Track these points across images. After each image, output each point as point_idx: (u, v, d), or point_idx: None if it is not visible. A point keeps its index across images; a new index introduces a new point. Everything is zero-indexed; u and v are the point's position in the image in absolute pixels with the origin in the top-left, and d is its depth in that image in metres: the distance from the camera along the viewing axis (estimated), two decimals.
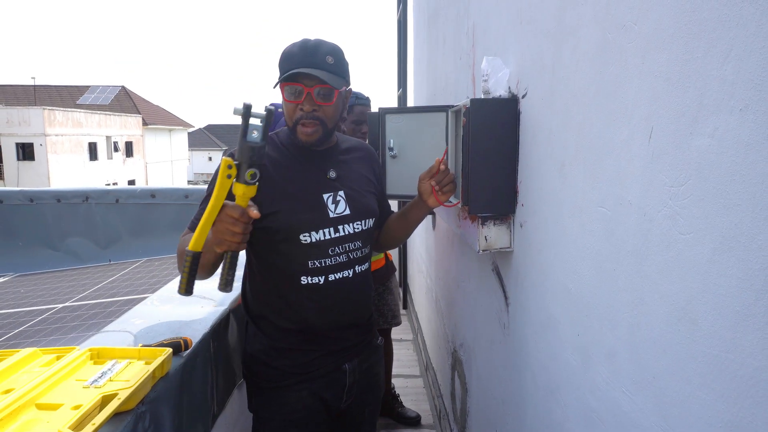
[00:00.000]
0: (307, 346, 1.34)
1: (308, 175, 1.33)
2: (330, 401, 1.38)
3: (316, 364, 1.35)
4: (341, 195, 1.35)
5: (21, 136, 21.41)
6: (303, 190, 1.31)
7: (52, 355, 1.05)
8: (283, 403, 1.33)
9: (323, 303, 1.32)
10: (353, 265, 1.36)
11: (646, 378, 0.71)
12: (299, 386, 1.33)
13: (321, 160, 1.36)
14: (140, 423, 0.91)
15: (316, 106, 1.25)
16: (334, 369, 1.37)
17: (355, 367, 1.41)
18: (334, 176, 1.35)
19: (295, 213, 1.28)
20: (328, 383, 1.37)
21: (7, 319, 3.28)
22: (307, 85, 1.23)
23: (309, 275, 1.30)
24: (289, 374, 1.33)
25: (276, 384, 1.34)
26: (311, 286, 1.31)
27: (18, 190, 4.74)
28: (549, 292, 1.12)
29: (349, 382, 1.40)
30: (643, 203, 0.71)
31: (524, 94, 1.24)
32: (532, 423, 1.25)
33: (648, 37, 0.69)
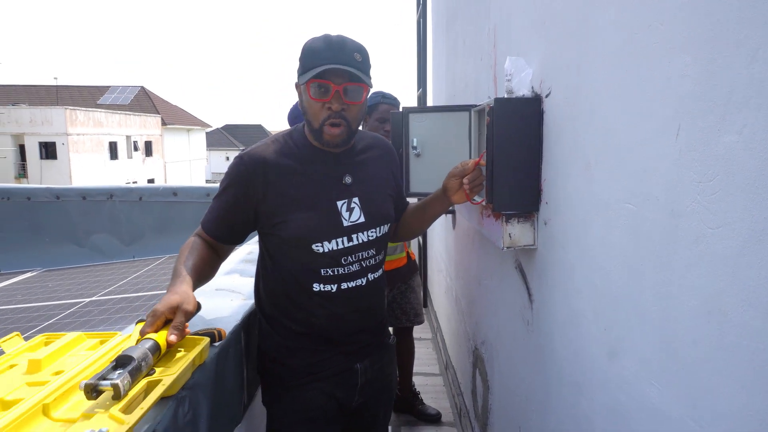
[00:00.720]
0: (317, 346, 1.33)
1: (322, 181, 1.29)
2: (342, 400, 1.36)
3: (326, 363, 1.33)
4: (356, 202, 1.30)
5: (44, 136, 21.88)
6: (316, 198, 1.27)
7: (96, 339, 1.09)
8: (294, 401, 1.33)
9: (334, 310, 1.31)
10: (366, 273, 1.34)
11: (676, 370, 0.73)
12: (310, 385, 1.32)
13: (337, 164, 1.31)
14: (180, 408, 0.96)
15: (344, 104, 1.20)
16: (346, 369, 1.35)
17: (367, 367, 1.39)
18: (349, 181, 1.31)
19: (307, 223, 1.25)
20: (340, 382, 1.35)
21: (37, 312, 3.39)
22: (336, 82, 1.18)
23: (322, 283, 1.29)
24: (300, 373, 1.32)
25: (287, 382, 1.33)
26: (323, 294, 1.29)
27: (45, 188, 4.86)
28: (574, 289, 1.14)
29: (361, 381, 1.38)
30: (670, 199, 0.73)
31: (548, 93, 1.26)
32: (556, 417, 1.27)
33: (674, 37, 0.71)
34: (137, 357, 0.88)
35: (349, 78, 1.19)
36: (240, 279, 1.75)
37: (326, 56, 1.17)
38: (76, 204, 4.79)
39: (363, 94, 1.23)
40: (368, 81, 1.23)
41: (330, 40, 1.21)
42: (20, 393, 0.87)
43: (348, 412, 1.40)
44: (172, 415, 0.92)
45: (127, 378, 0.83)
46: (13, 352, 1.03)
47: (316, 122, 1.23)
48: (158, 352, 0.97)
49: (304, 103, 1.26)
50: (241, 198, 1.28)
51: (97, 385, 0.81)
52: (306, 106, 1.25)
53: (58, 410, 0.83)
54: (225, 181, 1.30)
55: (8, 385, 0.90)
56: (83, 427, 0.77)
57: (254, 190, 1.26)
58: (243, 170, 1.27)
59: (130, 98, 29.67)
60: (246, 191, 1.27)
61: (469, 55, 2.28)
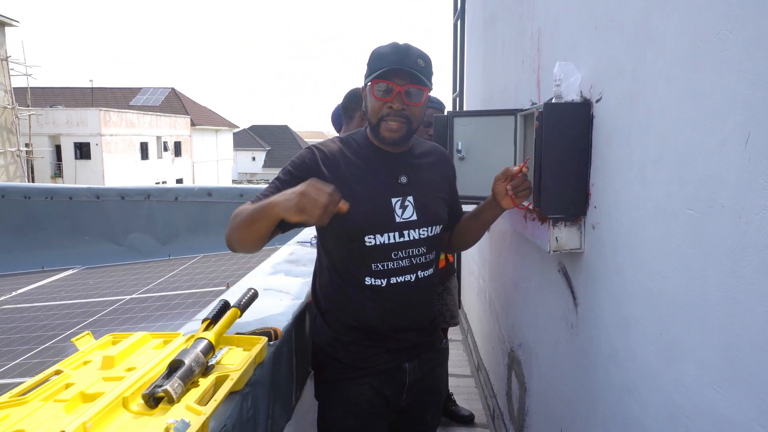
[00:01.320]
0: (367, 342, 1.37)
1: (379, 178, 1.35)
2: (390, 398, 1.40)
3: (376, 360, 1.37)
4: (410, 200, 1.36)
5: (79, 136, 22.50)
6: (372, 192, 1.33)
7: (160, 339, 1.14)
8: (345, 394, 1.37)
9: (384, 305, 1.35)
10: (416, 270, 1.37)
11: (741, 375, 0.74)
12: (360, 380, 1.36)
13: (394, 164, 1.38)
14: (245, 403, 1.00)
15: (405, 105, 1.28)
16: (394, 367, 1.39)
17: (415, 366, 1.42)
18: (404, 181, 1.37)
19: (361, 215, 1.29)
20: (388, 380, 1.38)
21: (81, 308, 3.51)
22: (398, 84, 1.26)
23: (372, 277, 1.33)
24: (351, 367, 1.37)
25: (339, 376, 1.38)
26: (374, 288, 1.34)
27: (86, 188, 5.02)
28: (625, 293, 1.14)
29: (409, 380, 1.41)
30: (737, 206, 0.74)
31: (598, 98, 1.27)
32: (604, 421, 1.27)
33: (744, 46, 0.72)
34: (188, 361, 0.93)
35: (411, 80, 1.27)
36: (285, 278, 1.80)
37: (391, 59, 1.27)
38: (115, 204, 4.94)
39: (423, 96, 1.31)
40: (428, 84, 1.30)
41: (397, 46, 1.30)
42: (98, 387, 0.92)
43: (396, 410, 1.44)
44: (239, 410, 0.97)
45: (177, 382, 0.88)
46: (86, 349, 1.08)
47: (375, 119, 1.32)
48: (212, 351, 1.02)
49: (367, 102, 1.34)
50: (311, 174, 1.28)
51: (153, 393, 0.86)
52: (369, 104, 1.33)
53: (135, 403, 0.88)
54: (289, 166, 1.34)
55: (86, 380, 0.95)
56: (164, 418, 0.81)
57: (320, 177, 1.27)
58: (313, 158, 1.34)
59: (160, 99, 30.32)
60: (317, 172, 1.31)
61: (509, 58, 2.28)
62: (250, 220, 1.18)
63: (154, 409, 0.86)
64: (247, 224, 1.19)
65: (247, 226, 1.19)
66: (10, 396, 0.88)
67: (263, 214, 1.15)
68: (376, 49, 1.33)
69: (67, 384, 0.94)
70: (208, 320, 1.13)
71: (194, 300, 3.28)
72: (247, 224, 1.19)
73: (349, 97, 2.16)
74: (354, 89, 2.16)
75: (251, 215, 1.18)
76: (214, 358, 1.01)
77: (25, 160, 18.15)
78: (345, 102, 2.17)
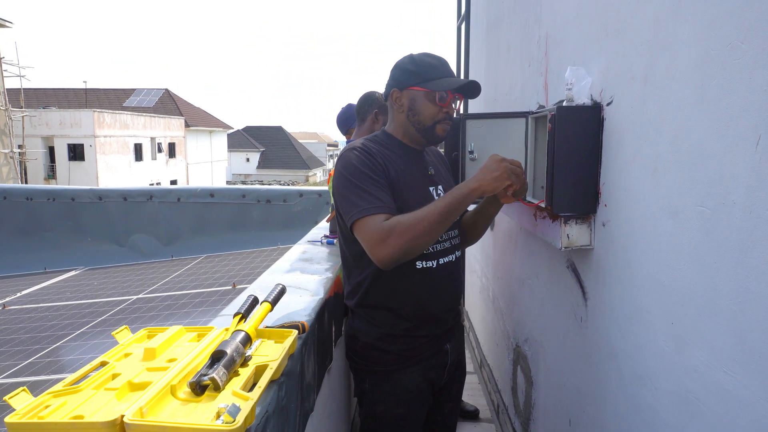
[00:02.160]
0: (418, 331, 1.49)
1: (416, 171, 1.52)
2: (435, 380, 1.54)
3: (424, 347, 1.51)
4: (441, 189, 1.54)
5: (72, 138, 22.41)
6: (414, 182, 1.49)
7: (194, 333, 1.20)
8: (397, 384, 1.49)
9: (436, 285, 1.48)
10: (455, 250, 1.54)
11: (752, 358, 0.80)
12: (411, 368, 1.49)
13: (420, 159, 1.55)
14: (280, 392, 1.05)
15: (452, 109, 1.50)
16: (439, 350, 1.54)
17: (453, 346, 1.59)
18: (432, 173, 1.56)
19: (413, 202, 1.42)
20: (434, 364, 1.53)
21: (89, 308, 3.55)
22: (452, 91, 1.47)
23: (424, 260, 1.46)
24: (403, 357, 1.49)
25: (392, 367, 1.49)
26: (425, 270, 1.46)
27: (88, 189, 5.06)
28: (636, 286, 1.21)
29: (449, 360, 1.57)
30: (749, 202, 0.80)
31: (609, 102, 1.33)
32: (615, 409, 1.34)
33: (756, 55, 0.78)
34: (230, 351, 0.98)
35: (458, 89, 1.47)
36: (302, 276, 1.85)
37: (444, 70, 1.48)
38: (118, 204, 4.98)
39: (460, 102, 1.54)
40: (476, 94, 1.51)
41: (439, 57, 1.49)
42: (144, 377, 0.97)
43: (435, 391, 1.57)
44: (277, 398, 1.02)
45: (222, 371, 0.94)
46: (125, 343, 1.13)
47: (430, 121, 1.48)
48: (249, 342, 1.07)
49: (419, 105, 1.46)
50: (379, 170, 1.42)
51: (200, 381, 0.91)
52: (421, 107, 1.46)
53: (182, 391, 0.93)
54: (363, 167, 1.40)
55: (132, 370, 1.00)
56: (214, 403, 0.87)
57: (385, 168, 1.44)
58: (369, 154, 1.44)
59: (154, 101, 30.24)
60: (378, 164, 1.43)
61: (515, 61, 2.35)
62: (448, 218, 1.34)
63: (201, 396, 0.91)
64: (445, 222, 1.34)
65: (444, 224, 1.34)
66: (64, 385, 0.93)
67: (462, 201, 1.35)
68: (417, 57, 1.48)
69: (113, 374, 0.99)
70: (240, 314, 1.18)
71: (202, 299, 3.33)
72: (445, 222, 1.34)
73: (363, 100, 2.23)
74: (369, 93, 2.23)
75: (447, 213, 1.33)
76: (250, 350, 1.06)
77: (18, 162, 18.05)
78: (359, 105, 2.25)
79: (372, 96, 2.22)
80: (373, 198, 1.35)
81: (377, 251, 1.31)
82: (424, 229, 1.30)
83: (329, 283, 1.79)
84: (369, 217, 1.33)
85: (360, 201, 1.35)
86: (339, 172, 1.43)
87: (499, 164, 1.37)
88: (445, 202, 1.33)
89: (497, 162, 1.38)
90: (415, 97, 1.48)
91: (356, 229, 1.36)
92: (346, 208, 1.39)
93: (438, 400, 1.61)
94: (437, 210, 1.32)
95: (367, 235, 1.33)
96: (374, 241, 1.31)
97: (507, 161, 1.38)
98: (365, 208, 1.34)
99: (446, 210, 1.33)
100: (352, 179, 1.38)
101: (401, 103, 1.50)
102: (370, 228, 1.32)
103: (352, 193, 1.37)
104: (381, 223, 1.32)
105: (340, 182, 1.42)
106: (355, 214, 1.34)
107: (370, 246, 1.33)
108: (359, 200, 1.35)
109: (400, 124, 1.52)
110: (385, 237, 1.30)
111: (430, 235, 1.32)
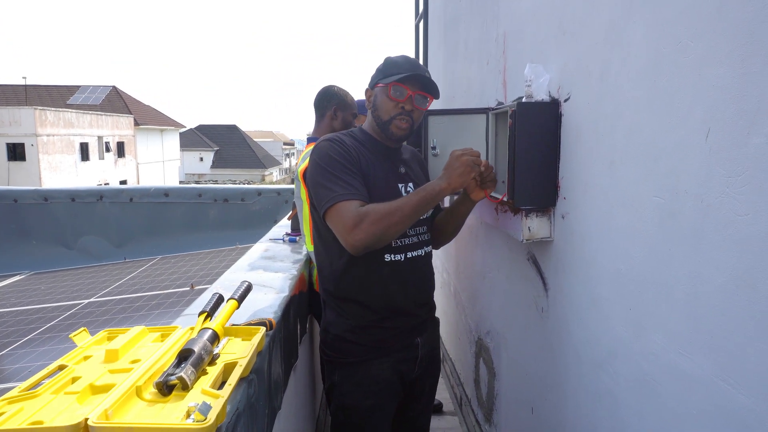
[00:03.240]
0: (386, 323, 1.50)
1: (386, 167, 1.53)
2: (405, 373, 1.55)
3: (394, 340, 1.52)
4: (411, 186, 1.55)
5: (12, 137, 21.25)
6: (384, 178, 1.51)
7: (157, 333, 1.16)
8: (365, 375, 1.50)
9: (405, 279, 1.50)
10: (423, 246, 1.56)
11: (704, 338, 0.85)
12: (380, 360, 1.50)
13: (392, 157, 1.56)
14: (250, 389, 1.04)
15: (413, 107, 1.47)
16: (409, 343, 1.55)
17: (424, 340, 1.59)
18: (403, 171, 1.57)
19: (378, 197, 1.44)
20: (404, 357, 1.54)
21: (36, 314, 3.38)
22: (411, 89, 1.45)
23: (392, 253, 1.48)
24: (372, 349, 1.49)
25: (360, 358, 1.50)
26: (394, 263, 1.48)
27: (33, 189, 4.81)
28: (595, 275, 1.26)
29: (420, 354, 1.58)
30: (700, 192, 0.85)
31: (567, 98, 1.38)
32: (575, 395, 1.39)
33: (704, 54, 0.83)
34: (198, 349, 0.96)
35: (421, 87, 1.47)
36: (265, 274, 1.83)
37: (406, 67, 1.47)
38: (65, 206, 4.76)
39: (428, 103, 1.50)
40: (435, 93, 1.49)
41: (408, 57, 1.50)
42: (106, 379, 0.94)
43: (407, 384, 1.58)
44: (247, 395, 1.01)
45: (190, 369, 0.92)
46: (84, 345, 1.09)
47: (386, 116, 1.48)
48: (217, 340, 1.05)
49: (378, 100, 1.49)
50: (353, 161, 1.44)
51: (167, 381, 0.89)
52: (381, 104, 1.48)
53: (148, 392, 0.91)
54: (337, 156, 1.43)
55: (93, 373, 0.96)
56: (183, 402, 0.85)
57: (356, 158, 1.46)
58: (343, 145, 1.46)
59: (101, 98, 29.03)
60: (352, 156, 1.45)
61: (473, 59, 2.39)
62: (419, 211, 1.38)
63: (168, 396, 0.89)
64: (416, 216, 1.38)
65: (415, 217, 1.38)
66: (19, 390, 0.89)
67: (433, 198, 1.39)
68: (388, 58, 1.53)
69: (73, 378, 0.95)
70: (205, 312, 1.15)
71: (158, 301, 3.22)
72: (416, 216, 1.38)
73: (322, 95, 2.17)
74: (327, 87, 2.19)
75: (419, 207, 1.37)
76: (218, 348, 1.04)
77: None
78: (318, 100, 2.17)
79: (330, 90, 2.17)
80: (347, 185, 1.39)
81: (349, 236, 1.33)
82: (398, 220, 1.34)
83: (294, 280, 1.78)
84: (343, 202, 1.36)
85: (335, 187, 1.38)
86: (314, 161, 1.46)
87: (460, 159, 1.42)
88: (419, 197, 1.38)
89: (457, 158, 1.42)
90: (377, 94, 1.52)
91: (329, 214, 1.38)
92: (320, 195, 1.41)
93: (411, 394, 1.62)
94: (411, 203, 1.36)
95: (341, 220, 1.35)
96: (348, 226, 1.33)
97: (466, 154, 1.42)
98: (340, 194, 1.37)
99: (419, 204, 1.37)
100: (327, 168, 1.41)
101: (370, 101, 1.55)
102: (344, 213, 1.35)
103: (327, 180, 1.40)
104: (355, 209, 1.35)
105: (315, 171, 1.44)
106: (330, 200, 1.37)
107: (343, 230, 1.35)
108: (334, 186, 1.39)
109: (369, 120, 1.56)
110: (358, 222, 1.32)
111: (402, 225, 1.36)
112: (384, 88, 1.48)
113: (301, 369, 1.90)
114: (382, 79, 1.48)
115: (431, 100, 1.51)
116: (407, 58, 1.51)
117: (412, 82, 1.45)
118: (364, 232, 1.31)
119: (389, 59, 1.52)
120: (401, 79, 1.44)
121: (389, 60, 1.52)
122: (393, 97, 1.46)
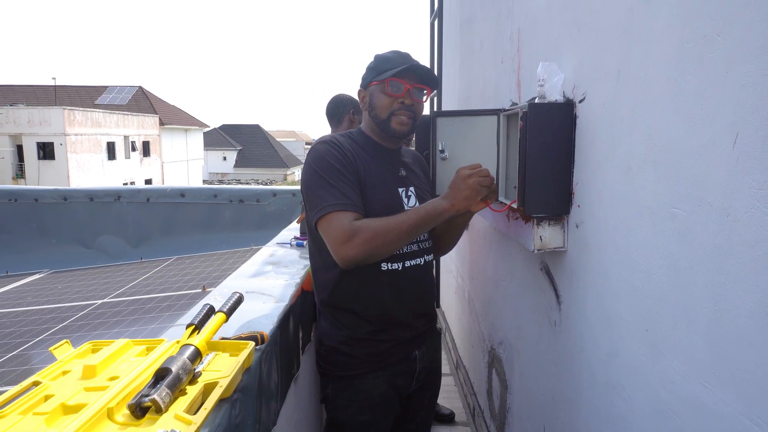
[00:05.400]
0: (382, 335, 1.43)
1: (385, 171, 1.47)
2: (401, 387, 1.48)
3: (390, 352, 1.45)
4: (411, 190, 1.50)
5: (42, 136, 21.81)
6: (383, 182, 1.45)
7: (143, 346, 1.11)
8: (359, 390, 1.44)
9: (401, 287, 1.43)
10: (423, 254, 1.49)
11: (729, 370, 0.75)
12: (375, 374, 1.44)
13: (393, 159, 1.51)
14: (233, 410, 0.97)
15: (413, 101, 1.42)
16: (405, 357, 1.48)
17: (423, 353, 1.52)
18: (404, 174, 1.51)
19: (379, 202, 1.40)
20: (400, 371, 1.47)
21: (51, 314, 3.39)
22: (409, 82, 1.40)
23: (389, 261, 1.41)
24: (367, 362, 1.43)
25: (354, 372, 1.44)
26: (391, 272, 1.41)
27: (52, 189, 4.87)
28: (609, 290, 1.16)
29: (419, 368, 1.51)
30: (726, 204, 0.75)
31: (581, 99, 1.29)
32: (588, 417, 1.29)
33: (733, 48, 0.73)
34: (175, 369, 0.90)
35: (418, 80, 1.41)
36: (267, 281, 1.77)
37: (400, 61, 1.41)
38: (84, 205, 4.80)
39: (427, 95, 1.44)
40: (433, 84, 1.43)
41: (399, 51, 1.44)
42: (80, 398, 0.89)
43: (404, 397, 1.52)
44: (228, 417, 0.94)
45: (165, 391, 0.85)
46: (65, 359, 1.04)
47: (385, 114, 1.42)
48: (199, 357, 0.99)
49: (375, 99, 1.43)
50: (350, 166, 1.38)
51: (140, 403, 0.83)
52: (379, 101, 1.42)
53: (120, 414, 0.85)
54: (332, 161, 1.36)
55: (67, 391, 0.91)
56: (152, 428, 0.79)
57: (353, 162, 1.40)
58: (339, 148, 1.40)
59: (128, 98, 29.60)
60: (349, 161, 1.39)
61: (488, 58, 2.30)
62: (417, 231, 1.31)
63: (141, 420, 0.83)
64: (414, 235, 1.32)
65: (412, 237, 1.33)
66: None
67: (434, 219, 1.32)
68: (379, 54, 1.47)
69: (46, 396, 0.90)
70: (193, 325, 1.10)
71: (169, 303, 3.21)
72: (414, 235, 1.32)
73: (336, 103, 2.15)
74: (338, 96, 2.16)
75: (417, 227, 1.31)
76: (200, 365, 0.98)
77: None
78: (331, 109, 2.15)
79: (344, 97, 2.15)
80: (340, 194, 1.33)
81: (340, 250, 1.29)
82: (392, 239, 1.29)
83: (297, 287, 1.71)
84: (335, 213, 1.31)
85: (328, 196, 1.32)
86: (308, 164, 1.40)
87: (467, 181, 1.33)
88: (418, 215, 1.31)
89: (464, 179, 1.33)
90: (373, 92, 1.46)
91: (321, 224, 1.33)
92: (313, 202, 1.36)
93: (408, 408, 1.55)
94: (408, 222, 1.30)
95: (332, 232, 1.30)
96: (339, 240, 1.28)
97: (474, 175, 1.33)
98: (332, 204, 1.31)
99: (417, 224, 1.31)
100: (321, 173, 1.35)
101: (365, 102, 1.49)
102: (335, 226, 1.29)
103: (320, 187, 1.34)
104: (348, 223, 1.29)
105: (308, 175, 1.38)
106: (323, 209, 1.32)
107: (333, 243, 1.31)
108: (327, 195, 1.33)
109: (367, 122, 1.51)
110: (350, 237, 1.27)
111: (396, 245, 1.31)
112: (380, 85, 1.42)
113: (304, 379, 1.83)
114: (377, 77, 1.43)
115: (429, 92, 1.45)
116: (398, 52, 1.46)
117: (409, 74, 1.40)
118: (354, 249, 1.25)
119: (380, 56, 1.47)
120: (397, 73, 1.38)
121: (380, 56, 1.46)
122: (391, 93, 1.41)
